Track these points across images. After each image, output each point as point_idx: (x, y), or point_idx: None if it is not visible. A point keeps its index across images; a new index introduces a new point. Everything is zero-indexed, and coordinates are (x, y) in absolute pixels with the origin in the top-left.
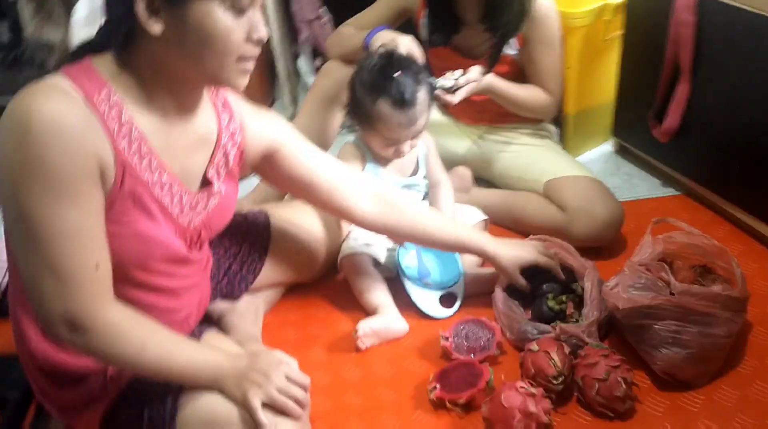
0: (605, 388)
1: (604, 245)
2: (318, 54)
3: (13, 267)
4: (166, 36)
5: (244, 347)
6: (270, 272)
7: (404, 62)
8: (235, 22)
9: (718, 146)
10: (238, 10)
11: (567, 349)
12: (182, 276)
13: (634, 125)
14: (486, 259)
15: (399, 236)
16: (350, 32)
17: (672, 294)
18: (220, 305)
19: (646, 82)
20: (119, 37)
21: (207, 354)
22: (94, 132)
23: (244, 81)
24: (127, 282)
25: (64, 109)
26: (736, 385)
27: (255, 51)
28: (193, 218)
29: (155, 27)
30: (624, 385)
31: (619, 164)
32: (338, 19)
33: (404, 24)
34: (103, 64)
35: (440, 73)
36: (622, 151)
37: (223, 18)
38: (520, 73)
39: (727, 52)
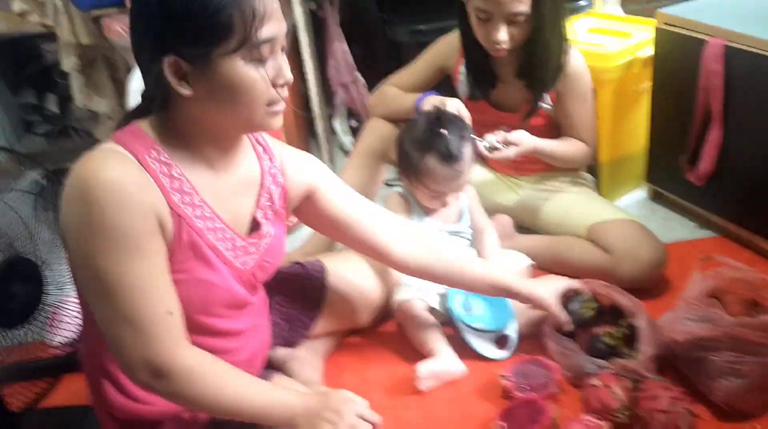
0: (669, 420)
1: (648, 287)
2: (352, 115)
3: (88, 322)
4: (197, 95)
5: (311, 390)
6: (327, 320)
7: (451, 120)
8: (258, 71)
9: (753, 186)
10: (260, 60)
11: (628, 384)
12: (241, 318)
13: (667, 171)
14: (521, 299)
15: (435, 278)
16: (395, 93)
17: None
18: (282, 352)
19: (677, 129)
20: (157, 101)
21: (280, 393)
22: (150, 189)
23: (277, 122)
24: (191, 328)
25: (120, 170)
26: None
27: (283, 93)
28: (248, 261)
29: (185, 90)
30: (688, 416)
31: (654, 209)
32: (370, 83)
33: (442, 80)
34: (149, 126)
35: (478, 125)
36: (655, 196)
37: (246, 70)
38: (554, 126)
39: (757, 98)
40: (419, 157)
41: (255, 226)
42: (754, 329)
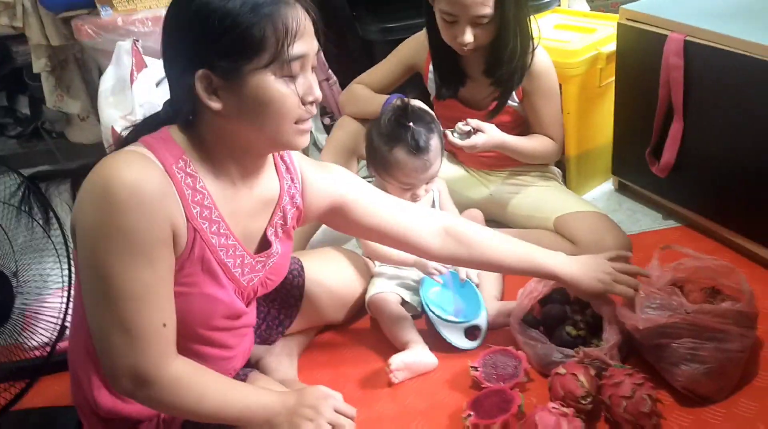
0: (632, 405)
1: None
2: (326, 112)
3: (79, 321)
4: (226, 110)
5: (286, 387)
6: (304, 317)
7: (417, 113)
8: (288, 88)
9: (714, 177)
10: (290, 76)
11: (592, 371)
12: (237, 329)
13: (632, 163)
14: (563, 284)
15: (475, 266)
16: (364, 93)
17: (687, 312)
18: (257, 350)
19: (641, 122)
20: (185, 113)
21: (259, 395)
22: (170, 199)
23: (303, 141)
24: (190, 338)
25: (144, 175)
26: (754, 397)
27: (312, 111)
28: (253, 278)
29: (215, 104)
30: (650, 401)
31: (621, 201)
32: (343, 81)
33: (413, 77)
34: (179, 135)
35: (447, 123)
36: (622, 188)
37: (276, 87)
38: (520, 122)
39: (716, 90)
40: (388, 150)
41: (265, 244)
42: (714, 316)
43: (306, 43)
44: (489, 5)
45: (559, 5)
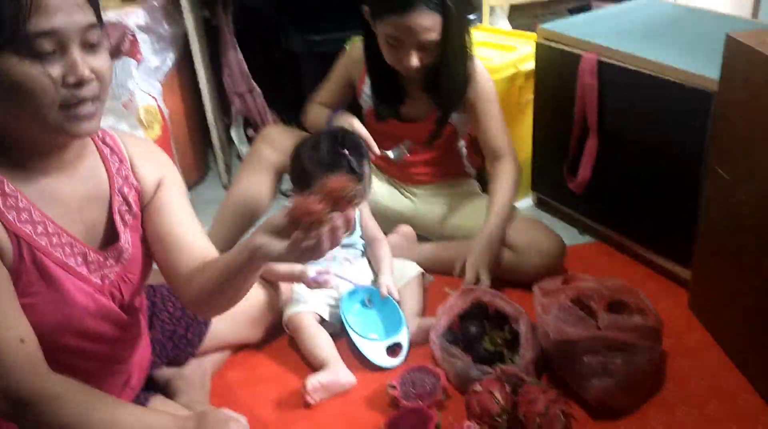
0: (546, 422)
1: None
2: (249, 124)
3: None
4: None
5: (192, 410)
6: (216, 335)
7: (350, 140)
8: (38, 69)
9: (626, 194)
10: (40, 55)
11: (508, 388)
12: (118, 338)
13: (550, 179)
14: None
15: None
16: (316, 110)
17: (598, 327)
18: (167, 371)
19: (558, 139)
20: None
21: (153, 418)
22: None
23: (82, 127)
24: (64, 351)
25: None
26: (663, 410)
27: (79, 94)
28: (107, 274)
29: None
30: (563, 418)
31: (540, 216)
32: (266, 91)
33: None
34: None
35: (382, 137)
36: (541, 203)
37: (21, 69)
38: (455, 137)
39: (627, 109)
40: (323, 178)
41: (113, 237)
42: (622, 330)
43: (54, 18)
44: (436, 31)
45: (481, 23)
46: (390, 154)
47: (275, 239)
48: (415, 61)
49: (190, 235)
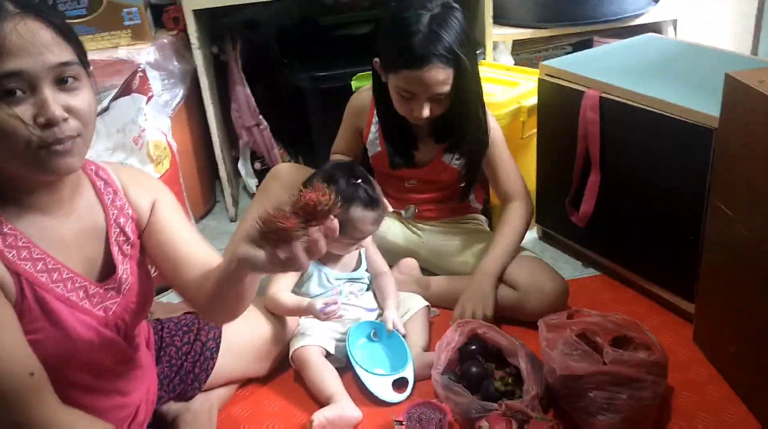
0: None
1: None
2: (256, 157)
3: None
4: None
5: None
6: (222, 369)
7: (360, 170)
8: (7, 111)
9: (628, 227)
10: (7, 97)
11: (515, 425)
12: (122, 370)
13: (554, 213)
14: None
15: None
16: (338, 158)
17: (604, 362)
18: (174, 406)
19: (561, 173)
20: None
21: None
22: None
23: (62, 164)
24: (69, 386)
25: None
26: None
27: (55, 133)
28: (110, 306)
29: None
30: None
31: (544, 249)
32: (274, 126)
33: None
34: None
35: (388, 179)
36: (545, 236)
37: None
38: (459, 180)
39: (628, 144)
40: (344, 212)
41: (112, 268)
42: (629, 366)
43: (22, 59)
44: (449, 83)
45: (485, 59)
46: (402, 213)
47: (258, 250)
48: (426, 112)
49: (193, 248)
